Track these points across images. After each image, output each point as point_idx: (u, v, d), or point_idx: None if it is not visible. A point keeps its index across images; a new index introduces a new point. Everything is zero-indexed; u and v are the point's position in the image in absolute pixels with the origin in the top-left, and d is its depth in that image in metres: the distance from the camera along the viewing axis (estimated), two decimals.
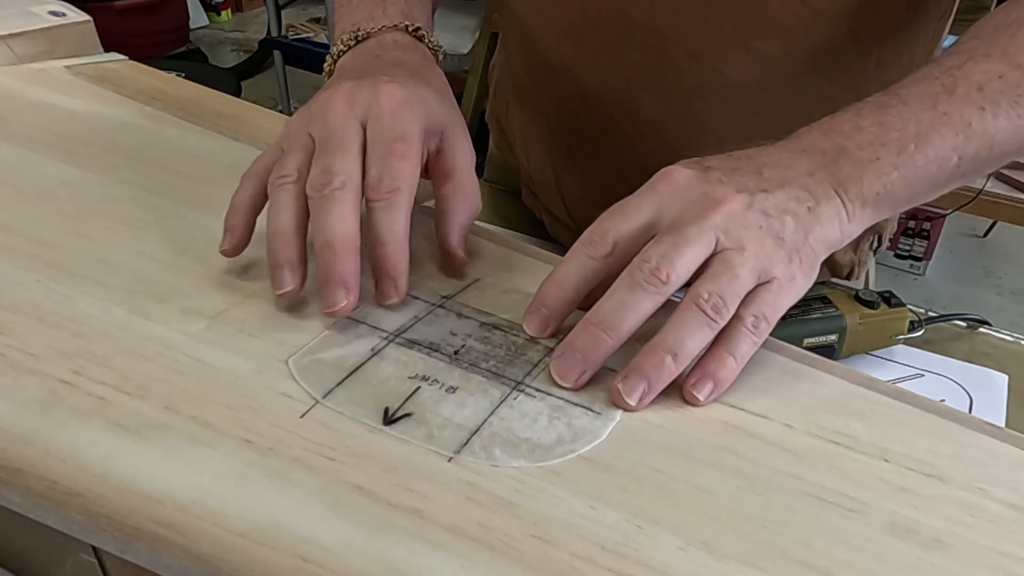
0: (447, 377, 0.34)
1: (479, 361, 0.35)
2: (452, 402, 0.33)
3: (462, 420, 0.32)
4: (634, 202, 0.37)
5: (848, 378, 0.37)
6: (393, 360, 0.35)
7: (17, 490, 0.28)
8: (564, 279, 0.36)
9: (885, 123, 0.37)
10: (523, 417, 0.32)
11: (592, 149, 0.57)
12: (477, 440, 0.31)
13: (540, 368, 0.35)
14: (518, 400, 0.33)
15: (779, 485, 0.30)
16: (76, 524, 0.28)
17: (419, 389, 0.33)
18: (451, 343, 0.36)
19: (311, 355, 0.34)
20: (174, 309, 0.36)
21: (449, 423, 0.31)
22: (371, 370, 0.34)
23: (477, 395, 0.33)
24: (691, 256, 0.34)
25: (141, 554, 0.27)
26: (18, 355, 0.32)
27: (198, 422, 0.30)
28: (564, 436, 0.32)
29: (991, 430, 0.35)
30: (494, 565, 0.26)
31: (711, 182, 0.35)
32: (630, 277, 0.34)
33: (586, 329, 0.34)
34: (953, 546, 0.29)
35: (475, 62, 2.13)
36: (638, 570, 0.26)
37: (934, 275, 2.20)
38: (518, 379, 0.34)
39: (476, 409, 0.32)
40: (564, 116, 0.58)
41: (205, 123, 0.55)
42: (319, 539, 0.26)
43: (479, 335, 0.37)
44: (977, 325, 0.58)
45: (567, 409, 0.33)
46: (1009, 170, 1.70)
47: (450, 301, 0.39)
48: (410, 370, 0.34)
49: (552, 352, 0.35)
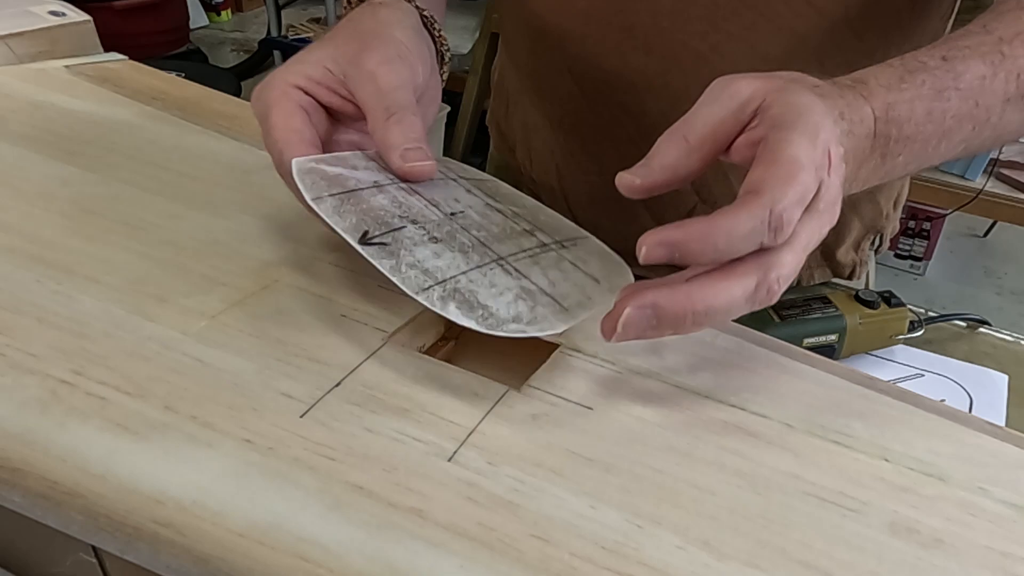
0: (436, 229, 0.34)
1: (471, 228, 0.35)
2: (430, 250, 0.33)
3: (432, 268, 0.32)
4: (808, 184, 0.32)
5: (848, 378, 0.37)
6: (392, 197, 0.34)
7: (17, 490, 0.28)
8: (725, 248, 0.31)
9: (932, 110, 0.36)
10: (491, 287, 0.32)
11: (596, 150, 0.57)
12: (438, 289, 0.31)
13: (528, 255, 0.35)
14: (493, 271, 0.33)
15: (779, 485, 0.30)
16: (76, 524, 0.28)
17: (404, 228, 0.33)
18: (452, 206, 0.36)
19: (315, 162, 0.34)
20: (174, 309, 0.36)
21: (418, 266, 0.32)
22: (367, 197, 0.34)
23: (456, 253, 0.33)
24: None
25: (141, 554, 0.27)
26: (18, 355, 0.32)
27: (198, 422, 0.30)
28: (522, 316, 0.31)
29: (991, 430, 0.35)
30: (494, 565, 0.26)
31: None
32: (756, 292, 0.32)
33: (683, 308, 0.31)
34: (953, 546, 0.29)
35: (475, 62, 2.13)
36: (638, 570, 0.26)
37: (934, 275, 2.20)
38: (502, 254, 0.34)
39: (449, 263, 0.32)
40: (567, 118, 0.58)
41: (205, 123, 0.55)
42: (319, 539, 0.26)
43: (481, 210, 0.37)
44: (977, 325, 0.58)
45: (537, 296, 0.33)
46: (1009, 170, 1.71)
47: (464, 180, 0.39)
48: (403, 210, 0.34)
49: (544, 246, 0.35)
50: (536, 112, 0.61)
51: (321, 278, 0.39)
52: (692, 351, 0.37)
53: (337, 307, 0.37)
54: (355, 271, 0.40)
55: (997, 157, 1.70)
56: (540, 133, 0.62)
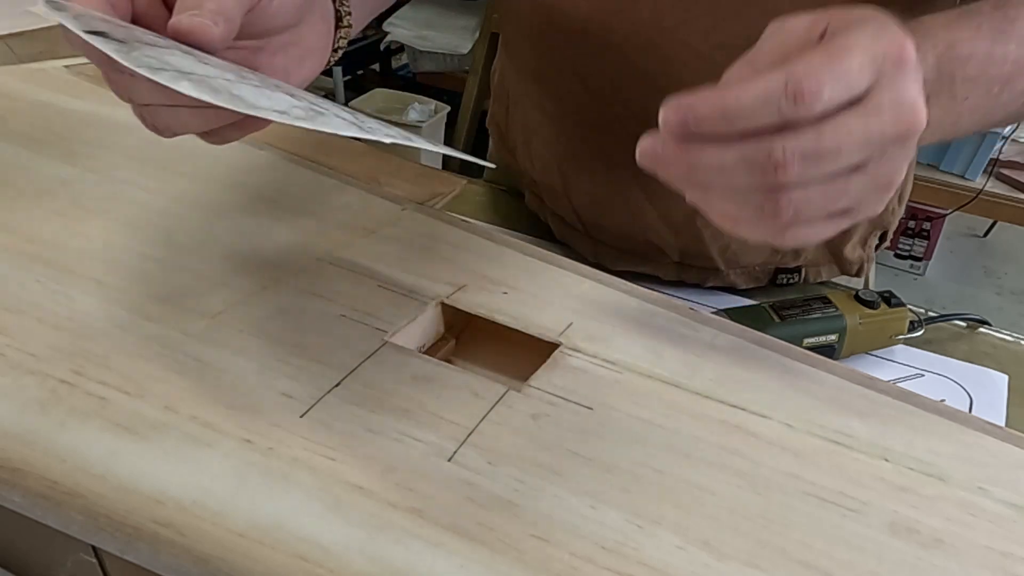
0: (215, 64, 0.30)
1: (271, 83, 0.31)
2: (192, 60, 0.28)
3: (180, 64, 0.27)
4: (854, 67, 0.28)
5: (848, 378, 0.37)
6: (184, 50, 0.30)
7: (17, 490, 0.28)
8: (735, 109, 0.29)
9: None
10: (267, 98, 0.28)
11: (599, 148, 0.57)
12: (173, 72, 0.26)
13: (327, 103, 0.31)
14: (277, 93, 0.29)
15: (779, 485, 0.30)
16: (76, 524, 0.28)
17: (169, 50, 0.29)
18: (248, 74, 0.32)
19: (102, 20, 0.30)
20: (174, 309, 0.36)
21: (157, 58, 0.27)
22: (149, 45, 0.29)
23: (230, 73, 0.29)
24: None
25: (141, 554, 0.27)
26: (18, 355, 0.32)
27: (198, 422, 0.30)
28: (291, 112, 0.27)
29: (991, 430, 0.35)
30: (494, 565, 0.26)
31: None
32: (767, 159, 0.29)
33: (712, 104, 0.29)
34: (953, 546, 0.29)
35: (475, 62, 2.13)
36: (638, 570, 0.26)
37: (934, 275, 2.20)
38: (296, 94, 0.30)
39: (211, 71, 0.28)
40: (571, 117, 0.58)
41: None
42: (319, 539, 0.26)
43: (284, 88, 0.33)
44: (977, 325, 0.58)
45: (324, 111, 0.29)
46: (1009, 170, 1.71)
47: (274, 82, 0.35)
48: (187, 51, 0.30)
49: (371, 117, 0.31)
50: (538, 113, 0.61)
51: (321, 278, 0.39)
52: (692, 351, 0.37)
53: (337, 307, 0.37)
54: (355, 271, 0.40)
55: (997, 157, 1.70)
56: (542, 134, 0.62)
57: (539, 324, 0.38)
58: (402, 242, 0.44)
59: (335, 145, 0.57)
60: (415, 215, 0.47)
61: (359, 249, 0.42)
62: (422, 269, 0.41)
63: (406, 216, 0.47)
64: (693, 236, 0.57)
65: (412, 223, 0.46)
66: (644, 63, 0.52)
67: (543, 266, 0.43)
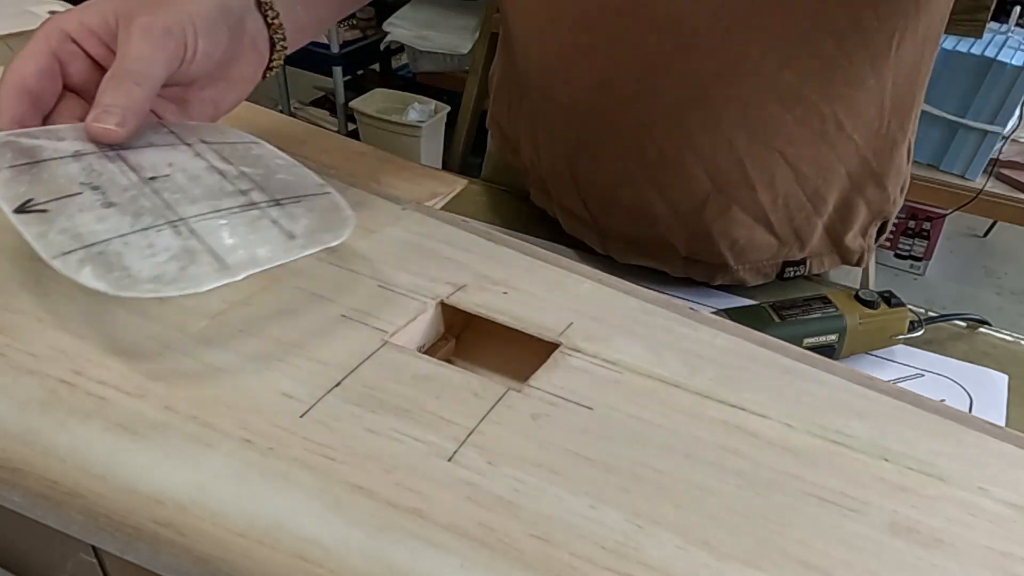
0: (118, 194, 0.33)
1: (166, 191, 0.34)
2: (96, 215, 0.32)
3: (86, 232, 0.31)
4: None
5: (848, 378, 0.37)
6: (86, 164, 0.34)
7: (17, 490, 0.28)
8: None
9: None
10: (148, 248, 0.31)
11: (609, 135, 0.57)
12: (80, 253, 0.30)
13: (218, 215, 0.34)
14: (161, 232, 0.32)
15: (779, 485, 0.30)
16: (76, 524, 0.28)
17: (80, 195, 0.32)
18: (157, 171, 0.35)
19: (15, 136, 0.34)
20: (174, 309, 0.36)
21: (70, 231, 0.31)
22: (55, 166, 0.33)
23: (127, 217, 0.32)
24: None
25: (141, 554, 0.27)
26: (18, 355, 0.32)
27: (198, 422, 0.30)
28: (165, 276, 0.30)
29: (991, 430, 0.35)
30: (494, 565, 0.26)
31: None
32: None
33: None
34: (953, 546, 0.29)
35: (475, 62, 2.13)
36: (638, 570, 0.26)
37: (934, 275, 2.20)
38: (184, 216, 0.33)
39: (111, 227, 0.31)
40: (580, 104, 0.57)
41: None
42: (319, 539, 0.26)
43: (195, 174, 0.36)
44: (977, 325, 0.58)
45: (198, 256, 0.32)
46: (1009, 170, 1.71)
47: (206, 144, 0.39)
48: (91, 177, 0.33)
49: (250, 205, 0.35)
50: (548, 103, 0.61)
51: (321, 278, 0.39)
52: (692, 351, 0.37)
53: (337, 307, 0.37)
54: (355, 271, 0.40)
55: (997, 157, 1.70)
56: (551, 125, 0.62)
57: (539, 324, 0.38)
58: (402, 242, 0.44)
59: (335, 145, 0.57)
60: (415, 215, 0.47)
61: (359, 249, 0.42)
62: (422, 269, 0.41)
63: (406, 216, 0.47)
64: (701, 228, 0.57)
65: (412, 223, 0.46)
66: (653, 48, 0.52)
67: (543, 266, 0.43)
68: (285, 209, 0.37)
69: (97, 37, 0.39)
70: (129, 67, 0.37)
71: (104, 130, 0.36)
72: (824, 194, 0.57)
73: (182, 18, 0.39)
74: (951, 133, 1.68)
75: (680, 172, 0.55)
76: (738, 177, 0.55)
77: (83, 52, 0.39)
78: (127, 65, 0.37)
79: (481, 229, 0.46)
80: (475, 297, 0.39)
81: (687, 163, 0.55)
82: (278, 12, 0.45)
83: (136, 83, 0.37)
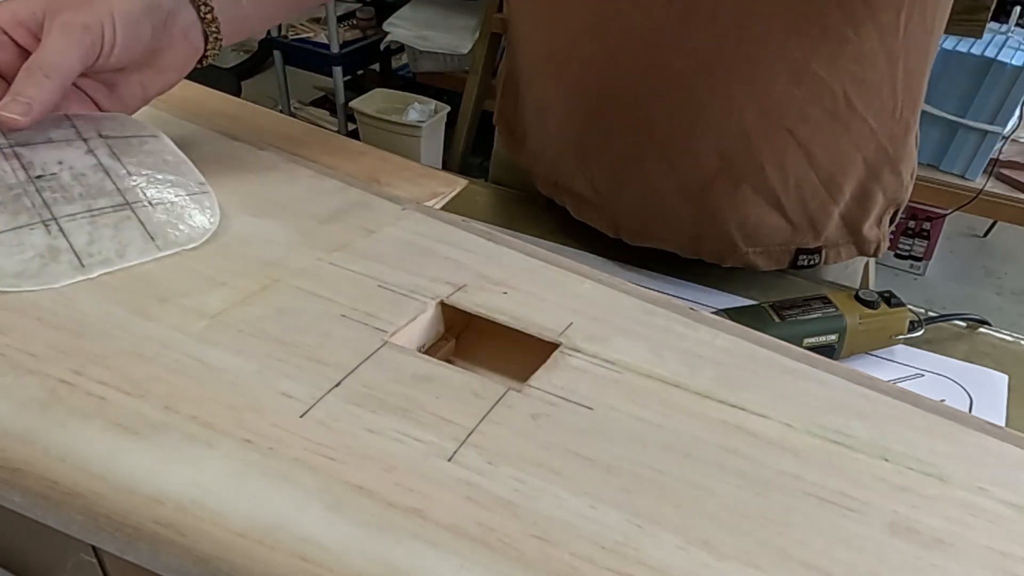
0: (2, 193, 0.36)
1: (48, 190, 0.37)
2: None
3: None
4: None
5: (848, 378, 0.37)
6: None
7: (17, 490, 0.28)
8: None
9: None
10: (17, 246, 0.35)
11: (618, 112, 0.57)
12: None
13: (91, 215, 0.37)
14: (34, 231, 0.35)
15: (779, 485, 0.30)
16: (76, 524, 0.28)
17: None
18: (46, 168, 0.38)
19: None
20: (174, 309, 0.36)
21: None
22: None
23: (5, 215, 0.35)
24: None
25: (141, 554, 0.27)
26: (18, 355, 0.32)
27: (198, 422, 0.30)
28: (27, 272, 0.34)
29: (991, 430, 0.35)
30: (494, 565, 0.26)
31: None
32: None
33: None
34: (953, 546, 0.29)
35: (475, 62, 2.13)
36: (638, 570, 0.26)
37: (934, 275, 2.20)
38: (58, 215, 0.36)
39: None
40: (589, 81, 0.57)
41: (205, 123, 0.55)
42: (319, 539, 0.26)
43: (81, 171, 0.39)
44: (977, 325, 0.58)
45: (61, 254, 0.35)
46: (1009, 170, 1.71)
47: (103, 138, 0.41)
48: None
49: (121, 205, 0.38)
50: (554, 87, 0.61)
51: (321, 278, 0.39)
52: (692, 351, 0.37)
53: (337, 307, 0.37)
54: (355, 271, 0.40)
55: (997, 157, 1.70)
56: (558, 110, 0.62)
57: (539, 324, 0.38)
58: (402, 242, 0.44)
59: (335, 145, 0.57)
60: (415, 215, 0.47)
61: (359, 249, 0.42)
62: (422, 269, 0.41)
63: (406, 216, 0.47)
64: (710, 206, 0.57)
65: (412, 223, 0.46)
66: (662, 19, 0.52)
67: (543, 266, 0.43)
68: (155, 210, 0.40)
69: (26, 28, 0.42)
70: (43, 59, 0.40)
71: (10, 119, 0.39)
72: (840, 181, 0.57)
73: (101, 14, 0.42)
74: (951, 133, 1.68)
75: (689, 147, 0.55)
76: (747, 154, 0.55)
77: (12, 41, 0.42)
78: (41, 57, 0.40)
79: (481, 229, 0.46)
80: (475, 297, 0.39)
81: (696, 138, 0.55)
82: (212, 7, 0.48)
83: (46, 75, 0.40)
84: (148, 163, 0.43)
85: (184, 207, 0.42)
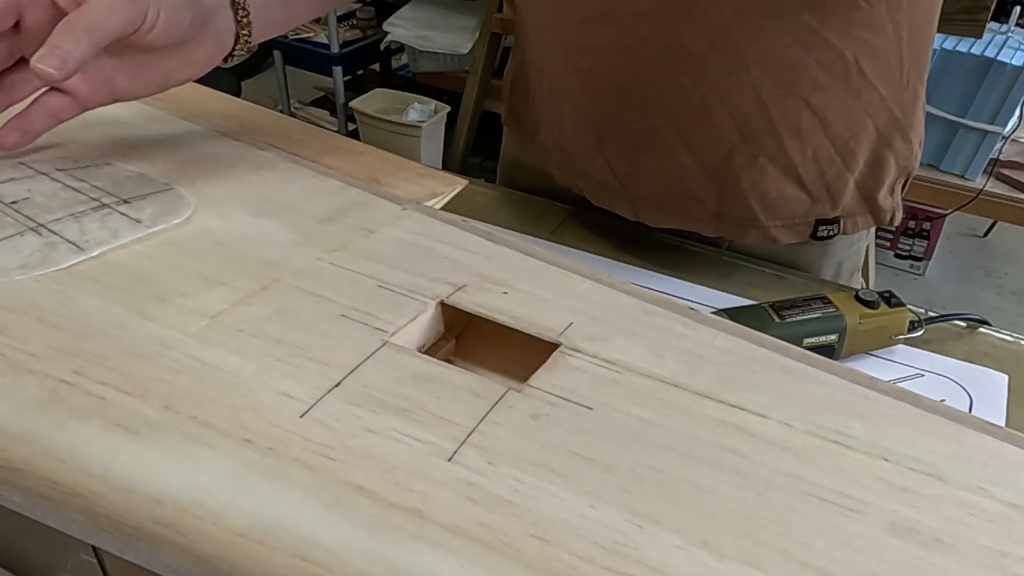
0: None
1: (26, 209, 0.39)
2: None
3: None
4: None
5: (848, 378, 0.37)
6: None
7: (17, 490, 0.28)
8: None
9: None
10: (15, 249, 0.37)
11: (635, 94, 0.57)
12: None
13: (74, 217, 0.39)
14: (25, 237, 0.37)
15: (779, 485, 0.30)
16: (76, 524, 0.28)
17: None
18: (19, 195, 0.40)
19: None
20: (174, 309, 0.36)
21: None
22: None
23: None
24: None
25: (141, 554, 0.27)
26: (18, 355, 0.32)
27: (198, 422, 0.30)
28: (31, 263, 0.36)
29: (991, 430, 0.35)
30: (494, 565, 0.26)
31: None
32: None
33: None
34: (953, 546, 0.29)
35: (475, 62, 2.13)
36: (638, 570, 0.26)
37: (934, 275, 2.20)
38: (44, 222, 0.38)
39: None
40: (603, 66, 0.57)
41: (205, 123, 0.55)
42: (319, 539, 0.26)
43: (51, 194, 0.41)
44: (977, 325, 0.58)
45: (58, 246, 0.37)
46: (1009, 170, 1.71)
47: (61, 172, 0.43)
48: None
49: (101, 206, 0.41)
50: (568, 76, 0.61)
51: (321, 278, 0.39)
52: (692, 351, 0.37)
53: (337, 307, 0.37)
54: (355, 271, 0.40)
55: (997, 157, 1.70)
56: (574, 97, 0.62)
57: (539, 324, 0.38)
58: (402, 242, 0.44)
59: (335, 145, 0.57)
60: (415, 215, 0.47)
61: (359, 249, 0.42)
62: (422, 269, 0.41)
63: (406, 216, 0.47)
64: (730, 181, 0.58)
65: (412, 223, 0.46)
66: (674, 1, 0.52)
67: (543, 266, 0.43)
68: (132, 204, 0.42)
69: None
70: (86, 16, 0.40)
71: (45, 71, 0.39)
72: (854, 148, 0.58)
73: None
74: (951, 133, 1.68)
75: (706, 122, 0.56)
76: (764, 125, 0.55)
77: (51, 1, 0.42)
78: (84, 13, 0.40)
79: (481, 229, 0.46)
80: (475, 297, 0.39)
81: (713, 112, 0.55)
82: (248, 11, 0.49)
83: (86, 31, 0.40)
84: (112, 177, 0.45)
85: (159, 198, 0.44)
